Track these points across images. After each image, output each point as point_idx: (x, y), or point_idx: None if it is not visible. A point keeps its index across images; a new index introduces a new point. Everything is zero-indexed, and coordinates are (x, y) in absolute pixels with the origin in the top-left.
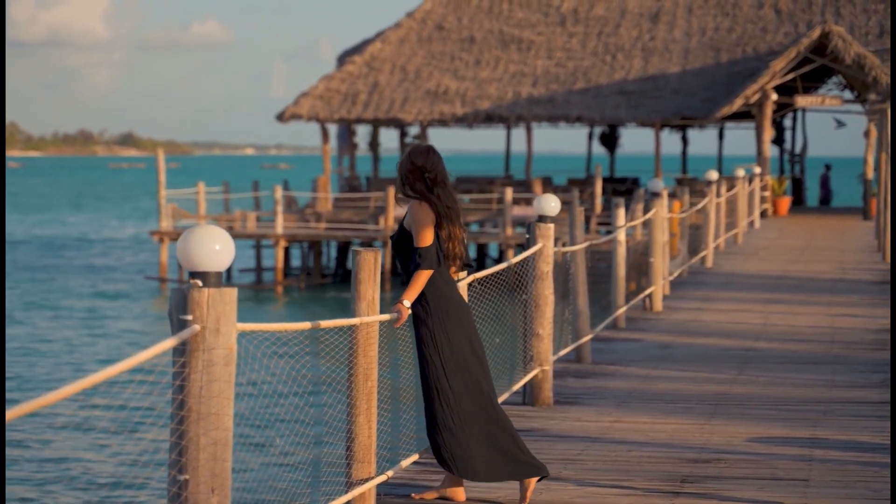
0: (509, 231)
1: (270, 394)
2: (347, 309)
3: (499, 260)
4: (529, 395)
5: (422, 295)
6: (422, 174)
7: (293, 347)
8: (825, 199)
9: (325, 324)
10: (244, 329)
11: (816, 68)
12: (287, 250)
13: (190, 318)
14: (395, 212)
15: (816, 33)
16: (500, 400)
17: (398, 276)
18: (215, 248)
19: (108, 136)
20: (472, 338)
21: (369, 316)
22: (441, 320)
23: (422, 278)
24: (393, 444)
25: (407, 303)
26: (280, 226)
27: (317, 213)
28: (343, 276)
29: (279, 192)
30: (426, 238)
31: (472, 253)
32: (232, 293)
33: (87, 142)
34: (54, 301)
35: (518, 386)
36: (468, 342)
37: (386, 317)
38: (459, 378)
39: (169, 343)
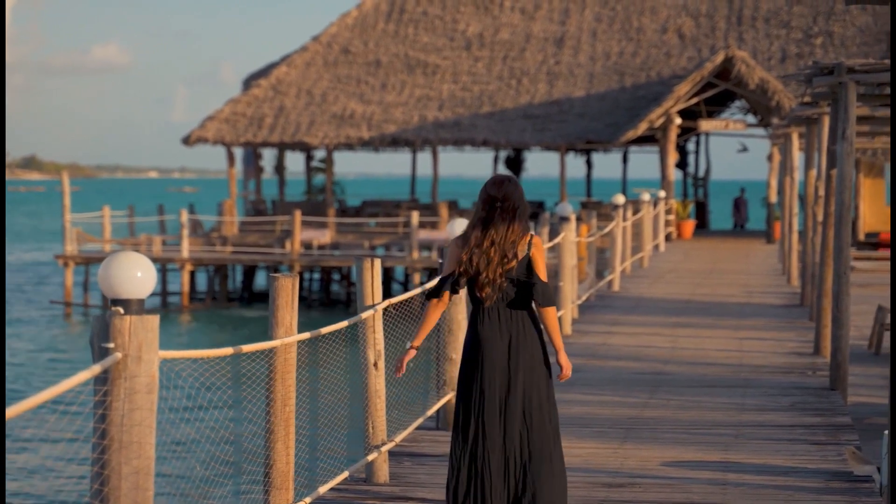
0: (415, 254)
1: (189, 420)
2: (255, 332)
3: (405, 283)
4: (443, 420)
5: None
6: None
7: (207, 371)
8: (739, 222)
9: (248, 348)
10: (167, 356)
11: (720, 93)
12: (193, 274)
13: (111, 345)
14: (302, 235)
15: (720, 58)
16: (414, 425)
17: (302, 300)
18: (137, 275)
19: (11, 160)
20: (488, 376)
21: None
22: (463, 359)
23: (425, 312)
24: (311, 469)
25: (409, 345)
26: (186, 249)
27: (222, 237)
28: (249, 300)
29: (185, 216)
30: (445, 267)
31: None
32: (154, 320)
33: None
34: None
35: (432, 411)
36: (482, 381)
37: (305, 335)
38: (467, 417)
39: (90, 372)
